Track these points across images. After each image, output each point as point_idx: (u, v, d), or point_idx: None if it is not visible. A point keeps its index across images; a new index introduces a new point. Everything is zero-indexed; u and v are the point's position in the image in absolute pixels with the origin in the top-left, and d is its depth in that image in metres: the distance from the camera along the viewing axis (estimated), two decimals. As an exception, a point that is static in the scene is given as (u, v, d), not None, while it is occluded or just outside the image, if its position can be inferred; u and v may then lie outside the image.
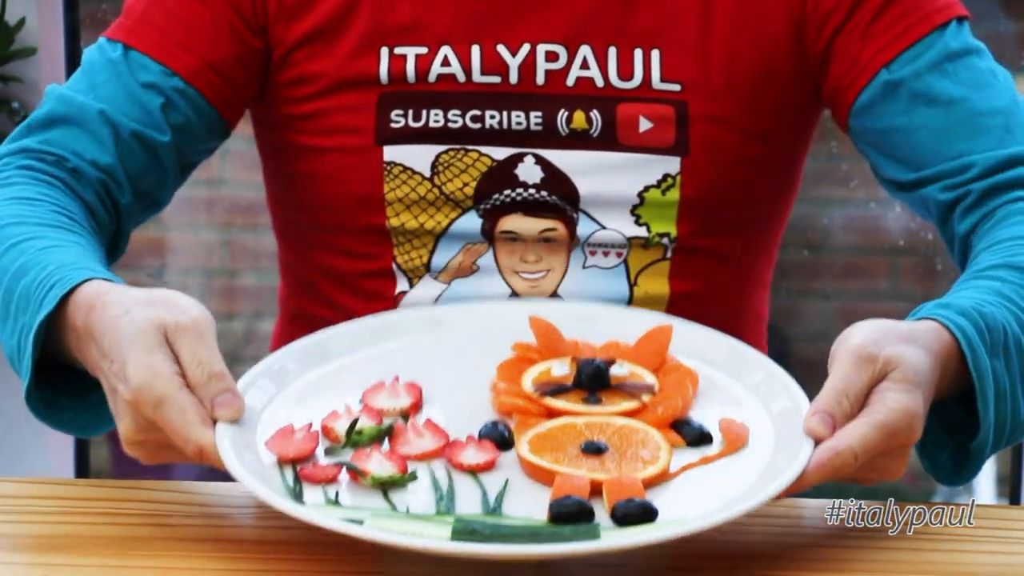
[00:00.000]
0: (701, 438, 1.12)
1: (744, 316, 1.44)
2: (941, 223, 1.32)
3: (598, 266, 1.35)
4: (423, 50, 1.33)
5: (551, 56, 1.33)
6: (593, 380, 1.16)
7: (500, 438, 1.11)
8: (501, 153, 1.33)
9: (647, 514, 1.03)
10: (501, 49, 1.33)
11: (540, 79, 1.33)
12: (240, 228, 3.24)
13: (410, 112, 1.33)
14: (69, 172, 1.30)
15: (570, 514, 1.02)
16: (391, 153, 1.34)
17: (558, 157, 1.33)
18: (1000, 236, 1.24)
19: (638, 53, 1.32)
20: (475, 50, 1.33)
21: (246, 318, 3.26)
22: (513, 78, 1.33)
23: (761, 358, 1.19)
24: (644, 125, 1.32)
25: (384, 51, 1.33)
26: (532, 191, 1.34)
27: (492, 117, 1.33)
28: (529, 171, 1.34)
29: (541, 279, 1.36)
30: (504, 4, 1.33)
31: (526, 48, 1.33)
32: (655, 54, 1.32)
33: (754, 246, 1.42)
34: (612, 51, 1.33)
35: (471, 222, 1.35)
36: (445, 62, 1.33)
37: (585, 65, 1.33)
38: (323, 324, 1.24)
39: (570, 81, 1.33)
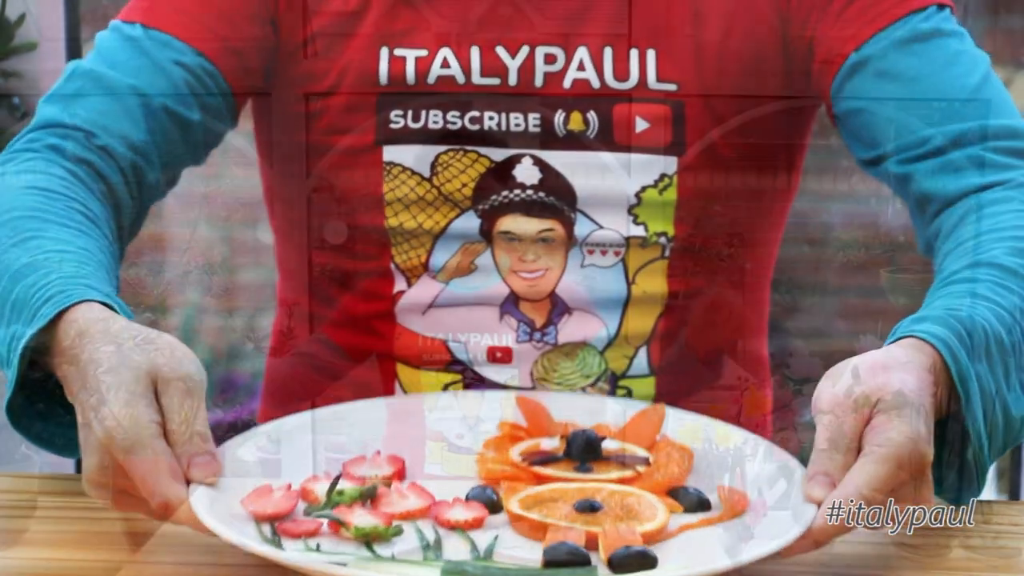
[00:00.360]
0: (699, 504, 1.07)
1: (744, 314, 1.44)
2: (903, 195, 1.31)
3: (596, 265, 1.35)
4: (423, 52, 1.33)
5: (550, 58, 1.33)
6: (584, 450, 1.11)
7: (488, 501, 1.06)
8: (499, 154, 1.33)
9: (646, 561, 0.98)
10: (500, 51, 1.33)
11: (539, 81, 1.33)
12: (240, 224, 3.23)
13: (409, 113, 1.33)
14: (97, 151, 1.27)
15: (565, 560, 0.98)
16: (390, 153, 1.34)
17: (556, 158, 1.33)
18: (963, 235, 1.22)
19: (634, 54, 1.33)
20: (474, 52, 1.33)
21: (246, 314, 3.26)
22: (512, 79, 1.33)
23: (753, 437, 1.15)
24: (641, 125, 1.33)
25: (384, 52, 1.33)
26: (530, 192, 1.34)
27: (491, 118, 1.33)
28: (527, 172, 1.34)
29: (539, 278, 1.36)
30: (503, 6, 1.33)
31: (525, 50, 1.33)
32: (651, 54, 1.32)
33: (752, 245, 1.42)
34: (608, 52, 1.33)
35: (469, 222, 1.35)
36: (445, 64, 1.33)
37: (582, 67, 1.33)
38: (322, 321, 1.24)
39: (567, 83, 1.33)
